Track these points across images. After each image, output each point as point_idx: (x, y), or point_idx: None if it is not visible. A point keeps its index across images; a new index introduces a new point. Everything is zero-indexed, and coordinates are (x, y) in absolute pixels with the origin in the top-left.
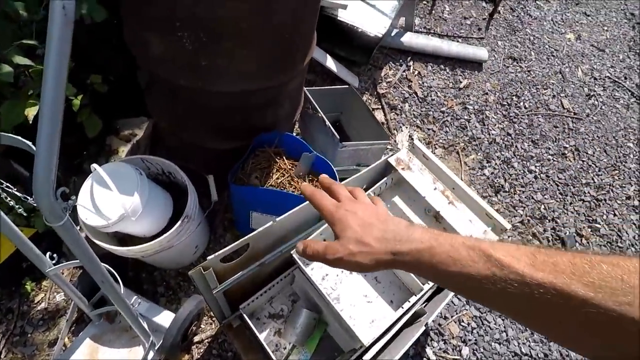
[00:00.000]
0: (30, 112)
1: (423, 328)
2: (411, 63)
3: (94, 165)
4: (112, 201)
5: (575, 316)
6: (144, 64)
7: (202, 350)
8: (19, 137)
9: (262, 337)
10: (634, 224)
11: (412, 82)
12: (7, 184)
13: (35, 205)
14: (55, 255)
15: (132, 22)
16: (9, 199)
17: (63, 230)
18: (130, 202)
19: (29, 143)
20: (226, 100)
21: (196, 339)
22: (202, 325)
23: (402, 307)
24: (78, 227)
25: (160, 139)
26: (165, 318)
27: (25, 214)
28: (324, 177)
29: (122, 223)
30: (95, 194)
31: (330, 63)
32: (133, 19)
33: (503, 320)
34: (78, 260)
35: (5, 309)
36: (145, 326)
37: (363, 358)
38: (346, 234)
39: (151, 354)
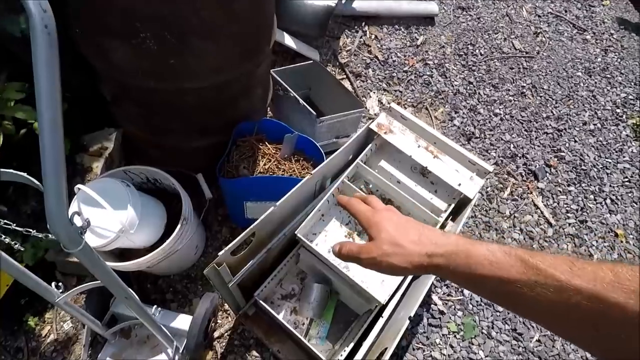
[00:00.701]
0: None
1: (433, 277)
2: (366, 28)
3: (79, 186)
4: (106, 218)
5: (613, 323)
6: (108, 73)
7: (224, 344)
8: (24, 174)
9: (279, 317)
10: (593, 146)
11: (370, 47)
12: (6, 221)
13: (32, 235)
14: (60, 284)
15: (87, 31)
16: (3, 236)
17: (82, 255)
18: (126, 215)
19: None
20: (200, 96)
21: (216, 334)
22: (219, 321)
23: None
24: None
25: (136, 148)
26: (182, 321)
27: (22, 249)
28: (357, 194)
29: (121, 238)
30: (86, 215)
31: (289, 41)
32: (88, 27)
33: None
34: (83, 285)
35: (13, 350)
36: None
37: (382, 315)
38: (381, 235)
39: (177, 358)
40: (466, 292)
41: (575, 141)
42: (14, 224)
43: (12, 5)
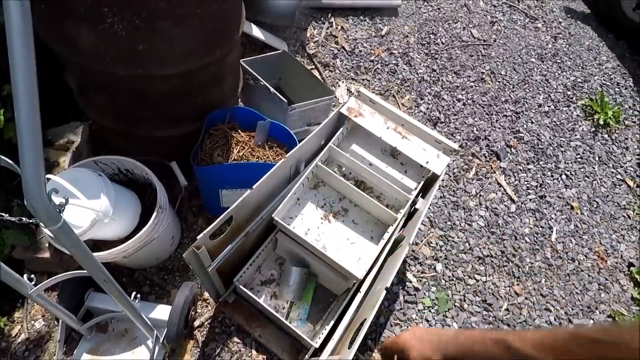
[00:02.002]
0: None
1: (407, 249)
2: (332, 19)
3: (49, 176)
4: (79, 208)
5: None
6: (73, 61)
7: (204, 333)
8: None
9: (260, 301)
10: (548, 126)
11: (337, 37)
12: None
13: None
14: (33, 276)
15: (50, 16)
16: None
17: (62, 232)
18: (99, 204)
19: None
20: (171, 84)
21: (196, 323)
22: (198, 310)
23: (383, 239)
24: (47, 244)
25: (105, 140)
26: (161, 312)
27: None
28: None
29: (95, 228)
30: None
31: (257, 32)
32: (51, 12)
33: (464, 233)
34: (59, 276)
35: None
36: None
37: (360, 290)
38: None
39: (157, 348)
40: (439, 268)
41: (532, 122)
42: None
43: None
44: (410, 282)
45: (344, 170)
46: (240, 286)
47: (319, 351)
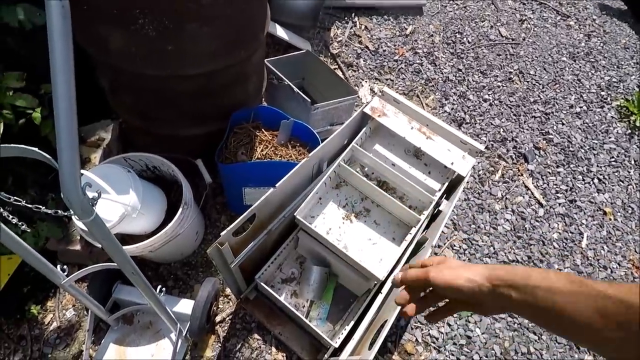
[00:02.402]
0: None
1: (430, 250)
2: (356, 19)
3: (81, 171)
4: (109, 203)
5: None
6: (104, 61)
7: (226, 328)
8: (36, 149)
9: (281, 299)
10: (580, 128)
11: (361, 37)
12: (16, 198)
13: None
14: (65, 267)
15: (84, 19)
16: (11, 217)
17: (94, 225)
18: (128, 200)
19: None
20: (197, 83)
21: (218, 319)
22: (220, 306)
23: (405, 240)
24: (78, 237)
25: (133, 138)
26: (184, 306)
27: (29, 230)
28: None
29: (123, 222)
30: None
31: (281, 32)
32: (86, 15)
33: (488, 236)
34: (89, 267)
35: (16, 337)
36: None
37: (381, 291)
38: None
39: (180, 341)
40: None
41: (563, 124)
42: (24, 202)
43: None
44: None
45: (366, 170)
46: (262, 283)
47: (338, 351)
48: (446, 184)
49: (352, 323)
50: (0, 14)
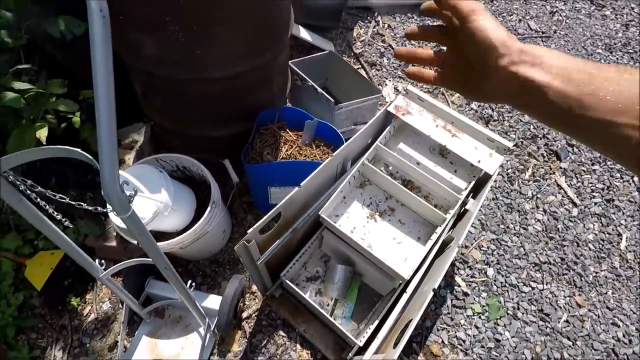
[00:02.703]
0: (42, 134)
1: (456, 250)
2: (379, 18)
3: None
4: (142, 201)
5: None
6: (137, 67)
7: (252, 324)
8: (79, 150)
9: (306, 297)
10: None
11: (384, 36)
12: (61, 195)
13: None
14: (103, 261)
15: (119, 27)
16: (56, 213)
17: (131, 221)
18: (160, 198)
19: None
20: (224, 86)
21: (244, 315)
22: (246, 302)
23: (431, 240)
24: (114, 234)
25: (164, 140)
26: (212, 301)
27: (71, 226)
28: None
29: (156, 220)
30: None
31: (304, 33)
32: (120, 23)
33: (518, 237)
34: (124, 262)
35: (58, 327)
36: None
37: (406, 290)
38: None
39: (208, 335)
40: (490, 273)
41: None
42: (68, 198)
43: (53, 9)
44: (459, 286)
45: (390, 169)
46: (287, 281)
47: (362, 350)
48: (473, 182)
49: (376, 322)
50: (44, 25)
